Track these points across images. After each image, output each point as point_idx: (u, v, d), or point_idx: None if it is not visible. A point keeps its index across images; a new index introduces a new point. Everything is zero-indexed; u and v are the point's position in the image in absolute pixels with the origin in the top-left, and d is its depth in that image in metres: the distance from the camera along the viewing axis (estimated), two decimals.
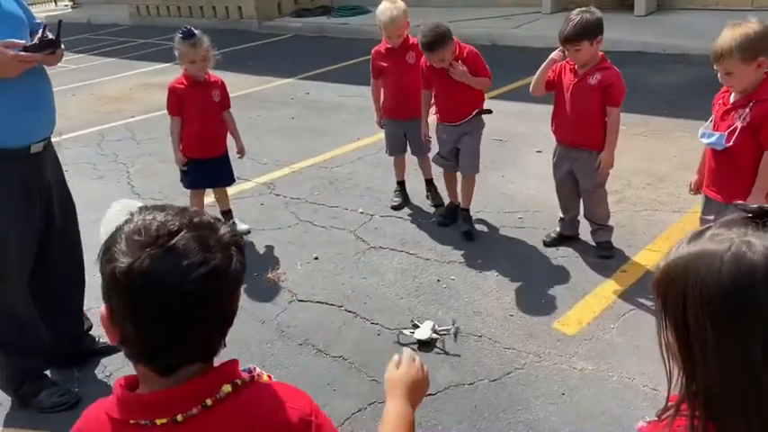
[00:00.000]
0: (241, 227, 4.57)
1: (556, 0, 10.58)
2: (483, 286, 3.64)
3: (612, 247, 3.81)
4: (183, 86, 4.15)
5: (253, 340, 3.35)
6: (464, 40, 4.11)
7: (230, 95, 4.38)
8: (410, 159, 4.77)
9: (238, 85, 8.55)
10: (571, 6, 11.05)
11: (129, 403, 1.06)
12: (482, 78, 3.97)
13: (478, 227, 4.28)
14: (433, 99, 4.18)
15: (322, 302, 3.63)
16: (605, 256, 3.77)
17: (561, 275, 3.67)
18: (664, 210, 4.27)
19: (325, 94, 8.18)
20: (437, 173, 4.61)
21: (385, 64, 4.40)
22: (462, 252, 4.00)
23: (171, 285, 0.98)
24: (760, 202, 2.91)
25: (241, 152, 4.44)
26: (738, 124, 2.78)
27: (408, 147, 4.64)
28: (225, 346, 1.11)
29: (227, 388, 1.06)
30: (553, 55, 3.58)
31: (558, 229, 3.99)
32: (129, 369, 1.11)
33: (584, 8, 3.48)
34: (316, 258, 4.10)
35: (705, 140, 2.91)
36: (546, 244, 3.98)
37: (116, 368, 3.19)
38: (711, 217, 3.04)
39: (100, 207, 1.73)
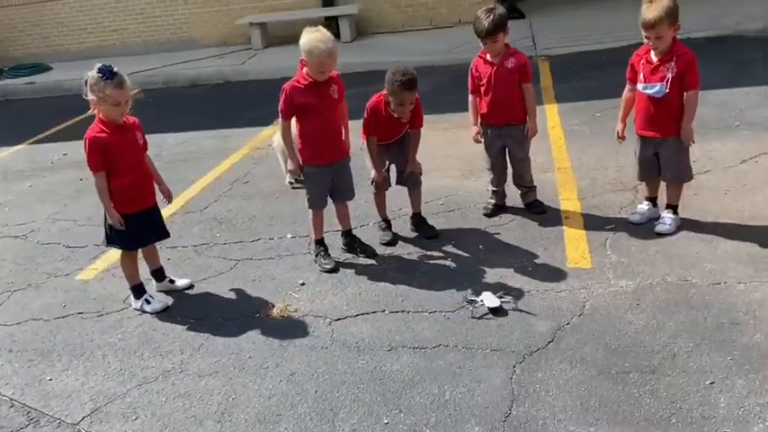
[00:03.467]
0: (181, 282, 4.08)
1: (264, 37, 11.16)
2: (479, 258, 4.01)
3: (543, 203, 4.54)
4: (106, 135, 3.58)
5: (339, 365, 3.17)
6: (195, 80, 3.91)
7: None
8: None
9: None
10: (275, 41, 11.66)
11: None
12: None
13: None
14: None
15: (362, 314, 3.57)
16: (542, 211, 4.46)
17: (526, 233, 4.24)
18: (539, 171, 5.12)
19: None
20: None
21: (307, 101, 3.83)
22: (432, 242, 4.28)
23: None
24: (690, 133, 4.02)
25: (169, 198, 3.97)
26: (669, 75, 3.76)
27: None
28: None
29: None
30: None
31: (493, 201, 4.57)
32: None
33: (486, 7, 4.13)
34: (302, 284, 3.94)
35: (649, 91, 3.82)
36: (487, 216, 4.52)
37: None
38: (650, 152, 3.98)
39: None
